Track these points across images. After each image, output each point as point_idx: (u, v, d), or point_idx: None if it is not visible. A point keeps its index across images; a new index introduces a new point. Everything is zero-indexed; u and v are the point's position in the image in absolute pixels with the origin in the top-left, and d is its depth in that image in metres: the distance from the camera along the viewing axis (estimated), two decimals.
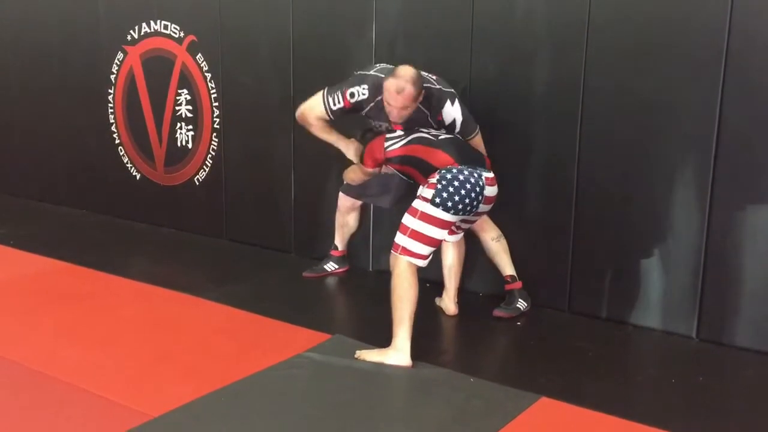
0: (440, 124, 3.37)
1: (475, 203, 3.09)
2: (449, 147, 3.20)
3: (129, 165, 5.35)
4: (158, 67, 5.01)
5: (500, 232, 3.57)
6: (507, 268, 3.58)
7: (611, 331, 3.46)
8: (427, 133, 3.29)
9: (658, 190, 3.34)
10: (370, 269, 4.31)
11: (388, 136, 3.34)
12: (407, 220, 3.07)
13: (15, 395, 2.78)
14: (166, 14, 4.89)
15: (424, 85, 3.27)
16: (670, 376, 3.01)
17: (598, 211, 3.51)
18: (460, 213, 3.07)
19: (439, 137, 3.26)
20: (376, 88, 3.32)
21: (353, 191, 3.89)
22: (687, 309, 3.34)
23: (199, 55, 4.79)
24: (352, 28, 4.11)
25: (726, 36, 3.09)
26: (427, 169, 3.16)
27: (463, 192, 3.04)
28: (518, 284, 3.59)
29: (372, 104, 3.40)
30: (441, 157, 3.16)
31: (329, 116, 3.52)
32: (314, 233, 4.50)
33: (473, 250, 3.64)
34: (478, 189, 3.08)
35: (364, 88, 3.39)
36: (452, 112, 3.34)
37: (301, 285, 4.09)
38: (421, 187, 3.15)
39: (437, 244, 3.13)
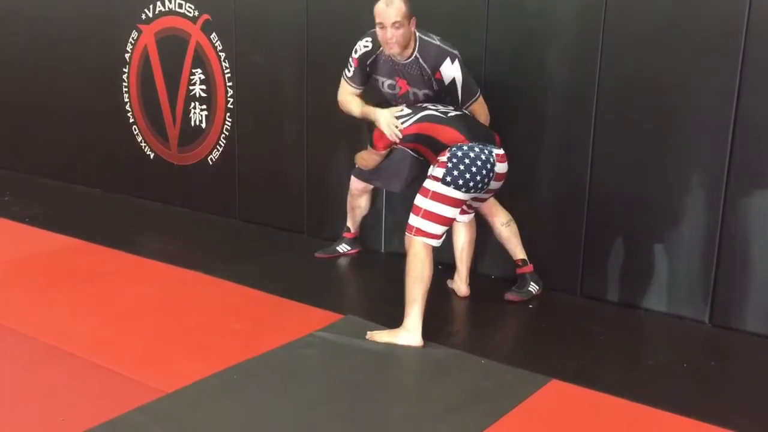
0: (440, 84, 3.34)
1: (486, 180, 3.07)
2: (459, 124, 3.18)
3: (143, 144, 5.37)
4: (172, 47, 5.01)
5: (510, 217, 3.56)
6: (518, 252, 3.58)
7: (623, 314, 3.45)
8: (435, 109, 3.26)
9: (672, 175, 3.32)
10: (382, 250, 4.31)
11: (396, 114, 3.29)
12: (419, 200, 3.07)
13: (31, 370, 2.82)
14: None
15: (424, 38, 3.30)
16: (682, 360, 3.00)
17: (611, 195, 3.49)
18: (472, 191, 3.06)
19: (449, 114, 3.22)
20: (377, 38, 3.33)
21: (364, 175, 3.89)
22: (699, 294, 3.33)
23: (214, 34, 4.78)
24: (367, 7, 4.07)
25: (745, 22, 3.05)
26: (438, 147, 3.15)
27: (474, 169, 3.02)
28: (529, 267, 3.58)
29: (374, 56, 3.41)
30: (451, 134, 3.14)
31: (352, 86, 3.54)
32: (326, 214, 4.51)
33: (484, 232, 3.64)
34: (489, 166, 3.06)
35: (366, 41, 3.42)
36: (451, 71, 3.30)
37: (313, 265, 4.11)
38: (432, 166, 3.14)
39: (450, 223, 3.12)
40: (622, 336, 3.25)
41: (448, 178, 3.02)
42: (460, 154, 3.05)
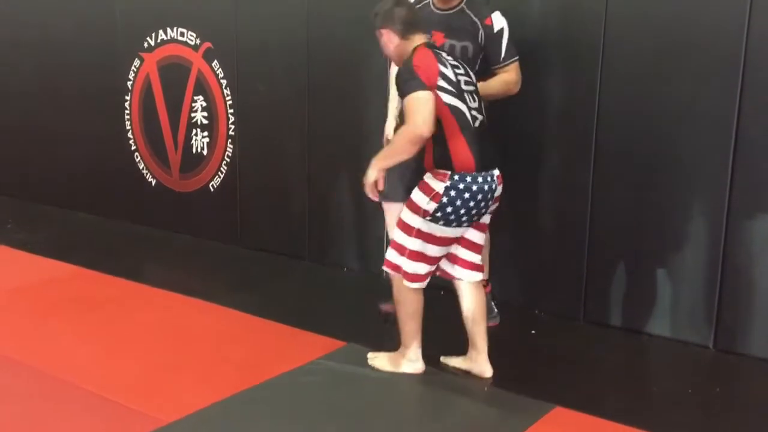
0: (487, 32, 3.17)
1: (483, 210, 2.81)
2: (477, 141, 2.76)
3: (145, 171, 5.38)
4: (174, 74, 5.04)
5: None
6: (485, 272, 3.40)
7: (626, 340, 3.43)
8: (470, 105, 2.78)
9: (674, 198, 3.32)
10: (384, 276, 4.30)
11: (441, 69, 2.75)
12: (401, 238, 2.79)
13: (31, 400, 2.80)
14: (183, 22, 4.92)
15: None
16: (687, 386, 2.98)
17: (612, 219, 3.49)
18: (465, 224, 2.80)
19: (475, 122, 2.78)
20: None
21: (383, 195, 3.44)
22: (703, 318, 3.32)
23: (215, 62, 4.82)
24: (367, 34, 4.10)
25: (744, 44, 3.08)
26: (443, 156, 2.73)
27: (471, 204, 2.73)
28: (488, 288, 3.47)
29: (418, 5, 3.28)
30: (463, 153, 2.72)
31: None
32: (328, 240, 4.51)
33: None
34: (489, 196, 2.79)
35: None
36: (501, 21, 3.20)
37: (314, 291, 4.10)
38: (416, 189, 2.78)
39: (437, 262, 2.87)
40: (626, 362, 3.23)
41: (439, 214, 2.72)
42: (461, 186, 2.71)
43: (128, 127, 5.42)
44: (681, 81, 3.24)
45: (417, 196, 2.76)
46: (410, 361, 2.95)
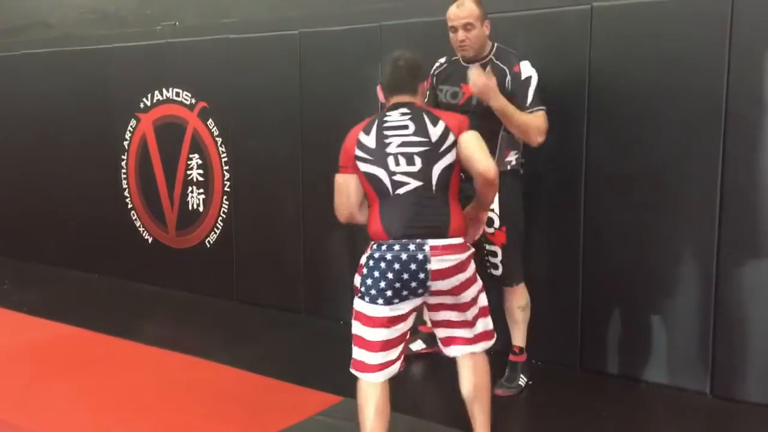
0: (515, 79, 3.16)
1: (413, 284, 2.47)
2: (395, 208, 2.55)
3: (141, 229, 5.42)
4: (170, 133, 5.13)
5: (528, 301, 3.39)
6: (519, 338, 3.42)
7: (624, 388, 3.43)
8: (393, 170, 2.57)
9: (664, 245, 3.36)
10: None
11: (360, 139, 2.65)
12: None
13: None
14: (178, 82, 5.03)
15: (501, 46, 3.26)
16: None
17: (605, 267, 3.52)
18: (395, 301, 2.49)
19: (399, 188, 2.56)
20: (451, 54, 3.34)
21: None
22: (699, 364, 3.32)
23: (210, 120, 4.91)
24: (359, 90, 4.21)
25: (725, 90, 3.16)
26: (367, 226, 2.63)
27: (390, 276, 2.46)
28: (523, 357, 3.44)
29: (444, 66, 3.39)
30: (374, 222, 2.57)
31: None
32: (324, 294, 4.52)
33: None
34: (413, 267, 2.45)
35: (441, 59, 3.41)
36: (530, 70, 3.20)
37: (311, 346, 4.10)
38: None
39: (383, 348, 2.54)
40: (623, 411, 3.22)
41: (362, 289, 2.52)
42: (377, 255, 2.50)
43: (125, 186, 5.48)
44: (667, 128, 3.30)
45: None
46: None
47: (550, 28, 3.57)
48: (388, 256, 2.47)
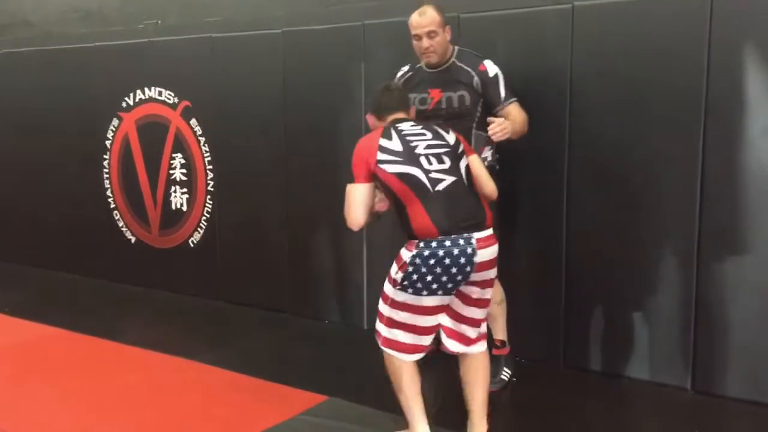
0: (483, 78, 3.23)
1: (458, 277, 2.61)
2: (440, 205, 2.63)
3: (124, 229, 5.39)
4: (153, 133, 5.10)
5: (503, 296, 3.44)
6: (500, 332, 3.45)
7: (606, 384, 3.46)
8: (427, 169, 2.68)
9: (646, 243, 3.39)
10: (365, 327, 4.32)
11: (382, 144, 2.73)
12: (382, 306, 2.73)
13: None
14: (161, 81, 5.01)
15: (463, 48, 3.32)
16: (666, 429, 3.01)
17: (587, 265, 3.55)
18: (440, 293, 2.63)
19: (437, 185, 2.66)
20: (414, 61, 3.39)
21: None
22: (680, 360, 3.36)
23: (193, 120, 4.89)
24: (343, 88, 4.22)
25: (704, 94, 3.19)
26: (406, 228, 2.67)
27: (438, 270, 2.58)
28: (506, 350, 3.46)
29: (410, 74, 3.42)
30: (423, 220, 2.61)
31: None
32: (308, 293, 4.52)
33: None
34: (462, 261, 2.58)
35: (404, 67, 3.45)
36: (494, 67, 3.26)
37: (295, 345, 4.10)
38: (394, 262, 2.70)
39: (426, 332, 2.70)
40: (606, 407, 3.25)
41: (406, 282, 2.61)
42: (426, 253, 2.58)
43: (107, 186, 5.45)
44: (648, 126, 3.33)
45: (392, 266, 2.70)
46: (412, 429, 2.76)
47: (532, 28, 3.59)
48: (440, 253, 2.58)
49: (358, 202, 2.74)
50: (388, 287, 2.70)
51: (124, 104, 5.23)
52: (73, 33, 5.68)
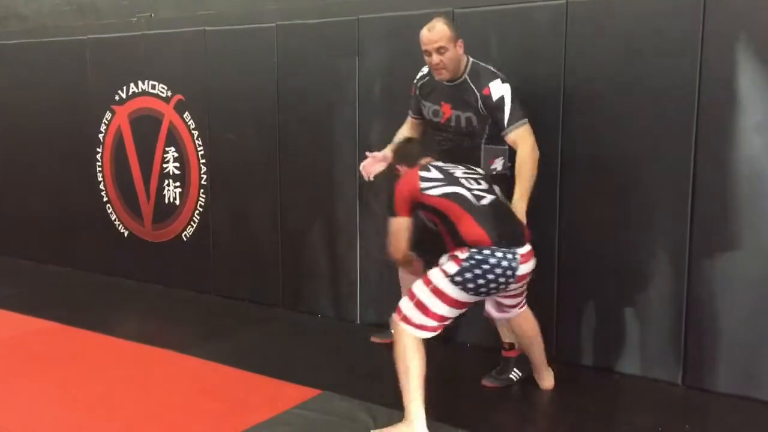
0: (487, 103, 3.21)
1: (501, 287, 2.86)
2: (488, 217, 2.86)
3: (117, 222, 5.38)
4: (146, 126, 5.09)
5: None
6: (507, 335, 3.44)
7: (598, 379, 3.48)
8: (469, 188, 2.95)
9: (638, 240, 3.40)
10: (358, 322, 4.32)
11: (422, 175, 2.96)
12: (418, 287, 2.83)
13: None
14: (154, 74, 4.99)
15: (478, 62, 3.29)
16: (657, 424, 3.02)
17: (580, 261, 3.56)
18: (482, 295, 2.86)
19: (481, 200, 2.92)
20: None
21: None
22: (671, 356, 3.38)
23: (187, 113, 4.87)
24: (336, 82, 4.21)
25: (696, 91, 3.20)
26: (457, 238, 2.86)
27: (490, 276, 2.78)
28: (516, 352, 3.45)
29: (426, 79, 3.41)
30: (474, 230, 2.82)
31: (409, 113, 3.59)
32: (302, 287, 4.52)
33: None
34: (509, 273, 2.82)
35: (424, 68, 3.42)
36: (500, 89, 3.19)
37: (288, 339, 4.10)
38: (444, 256, 2.90)
39: (444, 321, 2.85)
40: (597, 401, 3.26)
41: (458, 278, 2.77)
42: (479, 257, 2.78)
43: (100, 179, 5.43)
44: (641, 122, 3.34)
45: (444, 259, 2.89)
46: (408, 422, 2.78)
47: (525, 23, 3.59)
48: (492, 261, 2.79)
49: (402, 234, 3.01)
50: (436, 275, 2.83)
51: (117, 97, 5.21)
52: (66, 26, 5.65)
